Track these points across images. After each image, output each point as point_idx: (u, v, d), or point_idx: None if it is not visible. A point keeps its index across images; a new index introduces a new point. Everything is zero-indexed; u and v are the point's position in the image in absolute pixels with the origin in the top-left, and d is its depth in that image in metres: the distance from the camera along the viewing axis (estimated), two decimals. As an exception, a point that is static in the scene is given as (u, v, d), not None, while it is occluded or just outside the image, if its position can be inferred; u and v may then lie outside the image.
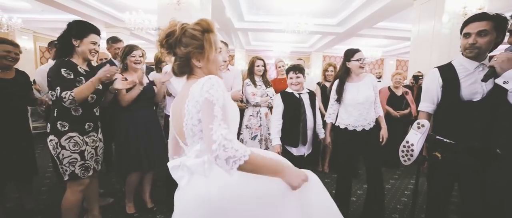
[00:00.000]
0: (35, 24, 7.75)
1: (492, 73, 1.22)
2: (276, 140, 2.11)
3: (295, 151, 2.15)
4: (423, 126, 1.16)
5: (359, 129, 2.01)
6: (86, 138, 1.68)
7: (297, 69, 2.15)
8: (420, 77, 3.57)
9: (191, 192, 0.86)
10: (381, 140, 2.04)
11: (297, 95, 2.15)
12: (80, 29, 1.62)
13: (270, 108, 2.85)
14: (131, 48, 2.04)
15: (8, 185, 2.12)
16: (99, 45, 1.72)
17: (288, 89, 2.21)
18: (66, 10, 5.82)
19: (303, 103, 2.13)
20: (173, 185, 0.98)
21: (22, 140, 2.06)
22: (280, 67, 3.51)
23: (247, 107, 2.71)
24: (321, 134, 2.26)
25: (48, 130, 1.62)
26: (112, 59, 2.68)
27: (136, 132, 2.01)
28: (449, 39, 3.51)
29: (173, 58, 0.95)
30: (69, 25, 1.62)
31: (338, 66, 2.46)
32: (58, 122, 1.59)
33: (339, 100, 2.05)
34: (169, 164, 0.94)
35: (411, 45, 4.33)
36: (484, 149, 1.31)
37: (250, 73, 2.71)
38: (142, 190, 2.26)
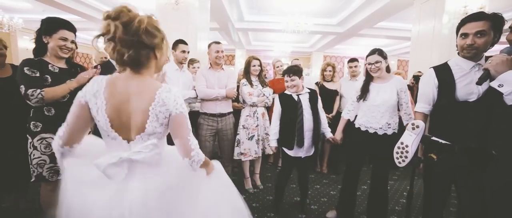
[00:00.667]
0: (36, 24, 7.74)
1: (487, 76, 1.19)
2: (272, 142, 2.21)
3: (291, 153, 2.14)
4: (417, 126, 1.14)
5: (371, 131, 1.96)
6: (36, 141, 1.59)
7: (291, 72, 2.11)
8: (420, 77, 3.54)
9: (149, 183, 0.90)
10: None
11: (296, 97, 2.13)
12: (50, 25, 1.58)
13: (267, 108, 2.85)
14: None
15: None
16: (72, 41, 1.65)
17: (287, 91, 2.19)
18: (67, 10, 5.84)
19: (300, 106, 2.10)
20: None
21: (24, 139, 2.01)
22: (278, 67, 3.50)
23: (243, 108, 2.70)
24: (327, 133, 2.22)
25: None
26: (110, 59, 2.66)
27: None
28: (449, 40, 3.47)
29: (112, 46, 0.89)
30: (41, 22, 1.58)
31: (337, 67, 2.47)
32: (32, 122, 1.56)
33: (359, 98, 2.02)
34: (99, 162, 0.87)
35: (411, 45, 4.29)
36: (480, 149, 1.28)
37: (247, 73, 2.70)
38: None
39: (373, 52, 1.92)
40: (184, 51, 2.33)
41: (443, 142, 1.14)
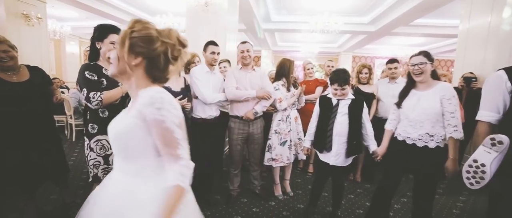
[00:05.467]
0: (80, 31, 8.50)
1: None
2: (306, 142, 2.23)
3: (321, 156, 2.11)
4: (500, 142, 0.94)
5: (409, 141, 1.77)
6: (92, 143, 1.64)
7: (343, 81, 1.96)
8: (473, 79, 3.14)
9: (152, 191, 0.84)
10: (445, 172, 1.68)
11: (334, 101, 2.06)
12: (101, 31, 1.64)
13: (299, 110, 2.73)
14: None
15: (46, 184, 2.16)
16: None
17: (329, 94, 2.13)
18: (106, 16, 6.23)
19: (335, 109, 2.01)
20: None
21: (49, 142, 2.00)
22: (308, 69, 3.35)
23: (275, 111, 2.60)
24: (372, 145, 2.04)
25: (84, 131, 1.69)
26: None
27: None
28: (511, 36, 3.03)
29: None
30: (93, 29, 1.66)
31: (373, 68, 2.29)
32: (89, 125, 1.63)
33: (397, 104, 1.85)
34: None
35: (459, 43, 3.85)
36: None
37: (286, 75, 2.56)
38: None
39: (417, 54, 1.73)
40: (214, 52, 2.29)
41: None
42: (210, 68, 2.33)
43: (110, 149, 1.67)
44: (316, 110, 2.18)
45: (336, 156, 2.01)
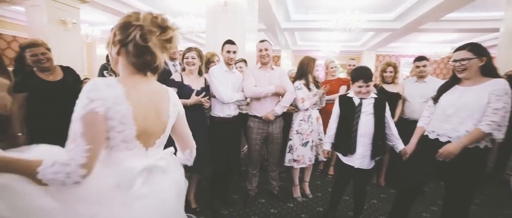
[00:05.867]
0: (108, 34, 9.00)
1: None
2: (326, 145, 2.11)
3: (344, 159, 1.99)
4: None
5: (443, 139, 1.62)
6: None
7: (368, 77, 1.87)
8: None
9: (173, 180, 0.97)
10: (440, 153, 1.55)
11: (357, 100, 1.95)
12: None
13: (319, 110, 2.66)
14: (185, 51, 2.09)
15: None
16: None
17: (350, 94, 2.03)
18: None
19: (359, 109, 1.90)
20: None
21: None
22: (332, 68, 3.25)
23: (295, 111, 2.55)
24: (399, 145, 1.94)
25: None
26: (166, 61, 2.81)
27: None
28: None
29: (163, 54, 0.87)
30: None
31: (398, 67, 2.15)
32: None
33: (435, 99, 1.72)
34: (136, 166, 0.81)
35: (502, 38, 3.49)
36: None
37: (305, 74, 2.50)
38: (187, 190, 2.29)
39: (462, 47, 1.55)
40: (229, 52, 2.28)
41: None
42: (229, 68, 2.34)
43: None
44: (336, 110, 2.07)
45: (361, 159, 1.92)
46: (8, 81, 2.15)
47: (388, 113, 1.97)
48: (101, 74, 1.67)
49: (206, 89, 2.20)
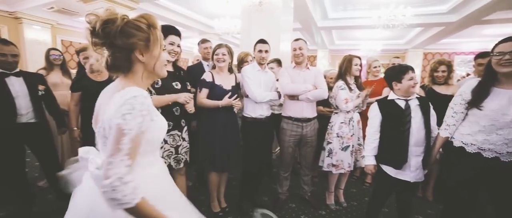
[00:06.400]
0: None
1: None
2: (369, 159, 1.79)
3: (393, 172, 1.72)
4: None
5: (487, 154, 1.41)
6: (166, 136, 1.78)
7: (413, 69, 1.73)
8: None
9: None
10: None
11: (403, 103, 1.71)
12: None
13: (360, 113, 2.48)
14: (215, 48, 2.10)
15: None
16: (178, 45, 1.81)
17: (391, 96, 1.78)
18: (170, 22, 6.93)
19: (408, 112, 1.67)
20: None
21: None
22: (375, 67, 3.01)
23: (334, 113, 2.40)
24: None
25: None
26: (202, 60, 2.89)
27: (214, 133, 2.04)
28: None
29: (104, 52, 0.82)
30: None
31: (454, 65, 1.87)
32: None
33: (474, 104, 1.44)
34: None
35: None
36: None
37: (345, 74, 2.36)
38: (217, 189, 2.32)
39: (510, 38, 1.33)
40: (261, 51, 2.24)
41: None
42: (261, 67, 2.30)
43: (179, 140, 1.85)
44: (377, 117, 1.78)
45: (416, 171, 1.68)
46: (70, 82, 2.46)
47: (433, 115, 1.74)
48: None
49: (237, 88, 2.19)
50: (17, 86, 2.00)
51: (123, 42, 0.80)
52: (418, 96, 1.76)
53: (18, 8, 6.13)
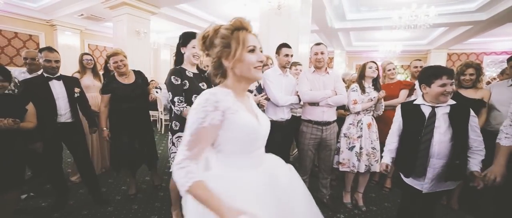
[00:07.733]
0: (172, 40, 10.09)
1: None
2: (386, 157, 1.76)
3: (408, 180, 1.66)
4: None
5: None
6: (175, 139, 1.84)
7: (451, 73, 1.48)
8: None
9: None
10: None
11: (427, 109, 1.56)
12: (185, 38, 1.86)
13: (376, 117, 2.46)
14: None
15: (142, 167, 2.70)
16: None
17: (418, 100, 1.64)
18: (191, 26, 7.15)
19: (432, 121, 1.51)
20: None
21: (146, 133, 2.50)
22: (389, 70, 2.96)
23: (348, 115, 2.42)
24: (475, 166, 1.48)
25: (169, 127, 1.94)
26: None
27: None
28: None
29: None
30: (179, 37, 1.89)
31: (484, 67, 1.77)
32: (173, 122, 1.86)
33: None
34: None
35: None
36: None
37: (360, 77, 2.42)
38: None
39: None
40: (287, 55, 2.29)
41: None
42: (283, 71, 2.34)
43: None
44: (398, 120, 1.70)
45: (430, 182, 1.55)
46: (100, 84, 2.66)
47: (474, 122, 1.50)
48: (169, 79, 1.82)
49: (259, 90, 2.25)
50: (58, 89, 2.19)
51: (212, 52, 0.90)
52: (453, 102, 1.54)
53: (54, 16, 6.68)
